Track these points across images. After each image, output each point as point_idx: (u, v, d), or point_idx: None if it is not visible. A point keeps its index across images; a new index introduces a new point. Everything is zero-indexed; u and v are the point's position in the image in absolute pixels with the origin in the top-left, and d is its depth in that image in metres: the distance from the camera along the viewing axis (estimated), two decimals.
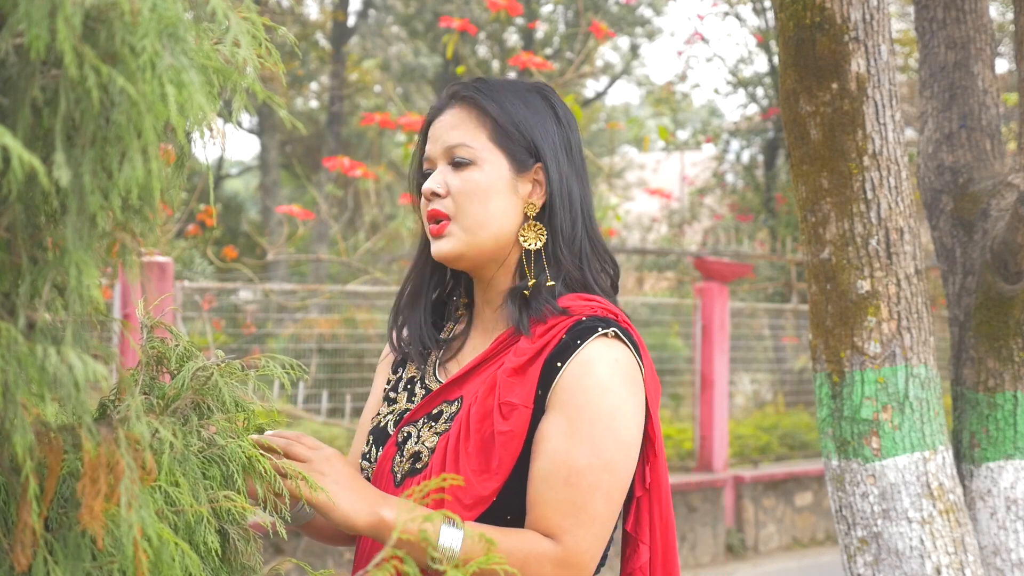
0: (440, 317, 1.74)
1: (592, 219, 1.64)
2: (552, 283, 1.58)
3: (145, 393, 1.29)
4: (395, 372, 1.74)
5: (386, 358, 1.79)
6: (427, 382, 1.67)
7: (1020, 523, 2.56)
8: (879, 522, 2.33)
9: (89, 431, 0.94)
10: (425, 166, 1.65)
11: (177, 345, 1.35)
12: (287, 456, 1.44)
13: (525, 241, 1.60)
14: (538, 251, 1.60)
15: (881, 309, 2.34)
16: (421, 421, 1.61)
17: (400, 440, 1.62)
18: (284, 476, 1.41)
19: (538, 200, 1.61)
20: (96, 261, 0.92)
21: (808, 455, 9.57)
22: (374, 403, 1.76)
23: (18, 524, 0.94)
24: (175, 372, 1.32)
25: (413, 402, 1.66)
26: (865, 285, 2.35)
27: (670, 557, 1.61)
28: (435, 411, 1.61)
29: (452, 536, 1.41)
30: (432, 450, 1.56)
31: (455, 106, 1.63)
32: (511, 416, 1.50)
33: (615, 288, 1.67)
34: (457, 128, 1.61)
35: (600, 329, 1.52)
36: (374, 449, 1.65)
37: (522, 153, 1.60)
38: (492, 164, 1.59)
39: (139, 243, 0.99)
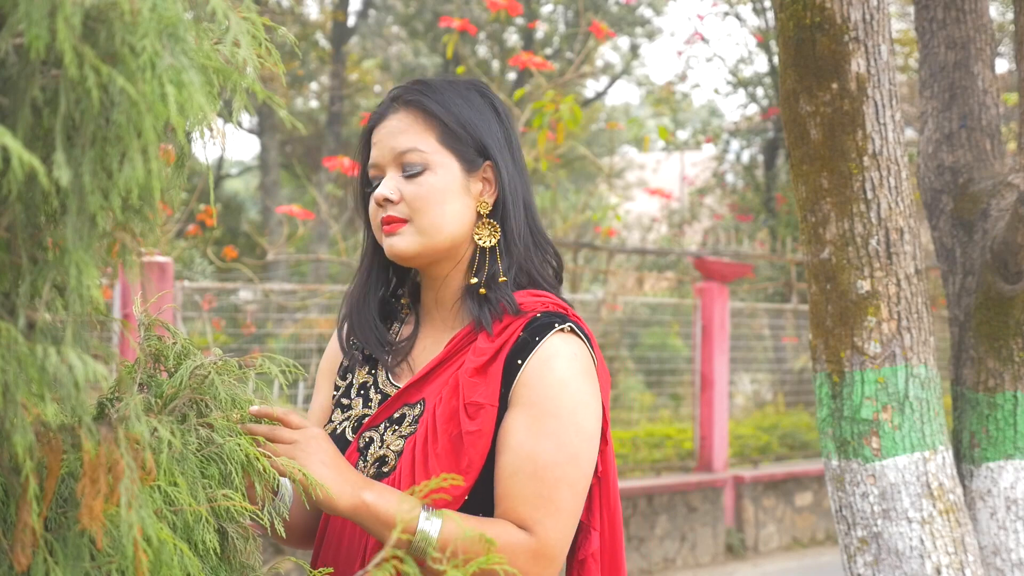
0: (383, 318, 1.74)
1: (535, 212, 1.68)
2: (504, 278, 1.61)
3: (142, 386, 1.29)
4: (344, 378, 1.74)
5: (329, 364, 1.79)
6: (381, 386, 1.68)
7: (1020, 523, 2.56)
8: (879, 522, 2.33)
9: (89, 431, 0.94)
10: (372, 172, 1.64)
11: (175, 343, 1.35)
12: (272, 441, 1.44)
13: (480, 239, 1.62)
14: (492, 248, 1.63)
15: (881, 309, 2.34)
16: (383, 425, 1.62)
17: (362, 446, 1.62)
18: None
19: (489, 198, 1.63)
20: (96, 261, 0.92)
21: (808, 455, 9.57)
22: (319, 411, 1.76)
23: (18, 524, 0.94)
24: (172, 370, 1.32)
25: (370, 407, 1.66)
26: (865, 285, 2.35)
27: (617, 542, 1.66)
28: (397, 415, 1.62)
29: (432, 523, 1.42)
30: (399, 453, 1.58)
31: (400, 110, 1.63)
32: (478, 416, 1.52)
33: (559, 279, 1.70)
34: (405, 132, 1.61)
35: (556, 325, 1.55)
36: None
37: (471, 153, 1.62)
38: (444, 167, 1.60)
39: (139, 243, 0.99)
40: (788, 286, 10.51)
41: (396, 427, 1.61)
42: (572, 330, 1.56)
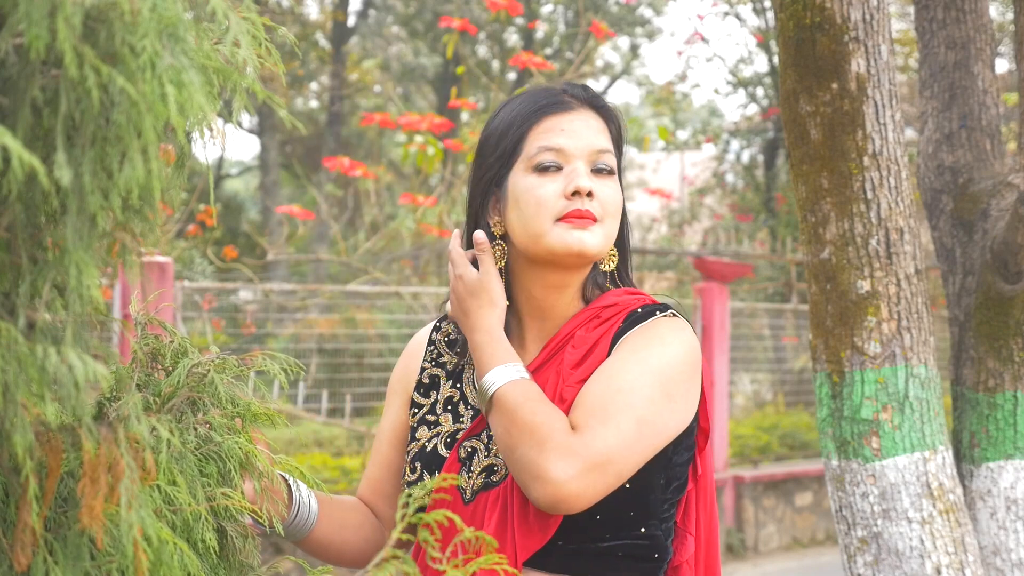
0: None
1: None
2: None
3: (140, 387, 1.29)
4: (427, 396, 1.69)
5: (403, 383, 1.74)
6: (471, 401, 1.64)
7: (1020, 523, 2.56)
8: (879, 522, 2.33)
9: (89, 431, 0.94)
10: (551, 156, 1.57)
11: (172, 341, 1.35)
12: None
13: (602, 263, 1.64)
14: (612, 272, 1.65)
15: (881, 309, 2.34)
16: (484, 434, 1.59)
17: (463, 456, 1.59)
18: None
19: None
20: (96, 261, 0.92)
21: (808, 455, 9.57)
22: (389, 429, 1.73)
23: (18, 524, 0.94)
24: (170, 368, 1.32)
25: (462, 422, 1.63)
26: (865, 285, 2.35)
27: (713, 548, 1.63)
28: None
29: (500, 375, 1.49)
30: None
31: (588, 110, 1.62)
32: (569, 397, 1.51)
33: None
34: (601, 134, 1.61)
35: (659, 312, 1.57)
36: (426, 475, 1.61)
37: (620, 174, 1.64)
38: (618, 180, 1.62)
39: (139, 243, 0.99)
40: (788, 286, 10.51)
41: None
42: (675, 315, 1.58)
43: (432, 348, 1.73)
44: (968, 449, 2.63)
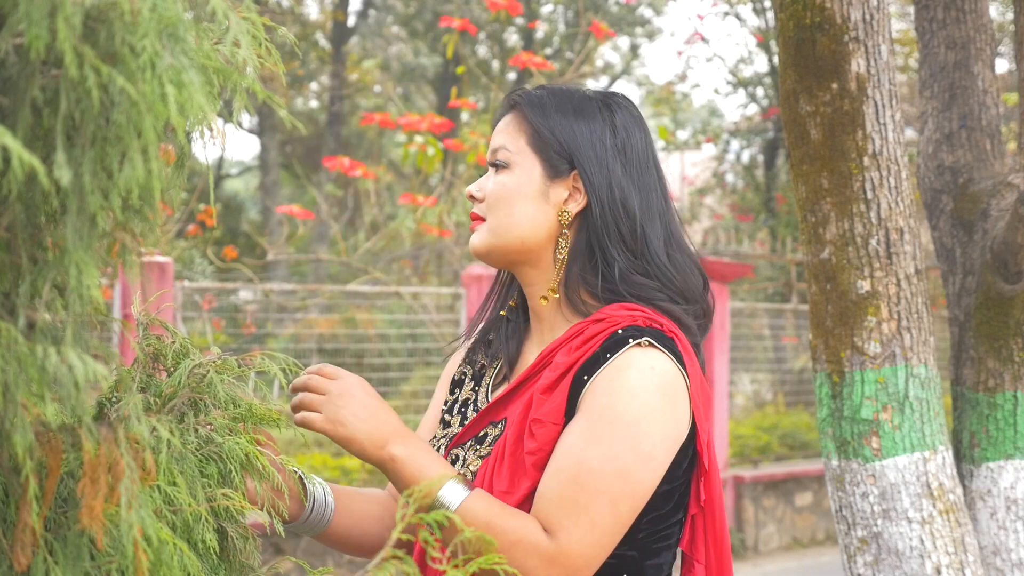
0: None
1: (654, 228, 1.59)
2: (588, 290, 1.56)
3: (142, 389, 1.29)
4: (452, 392, 1.73)
5: (446, 377, 1.77)
6: (479, 404, 1.65)
7: (1020, 523, 2.56)
8: (879, 522, 2.33)
9: (89, 431, 0.94)
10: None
11: (173, 342, 1.35)
12: (306, 390, 1.45)
13: (559, 250, 1.59)
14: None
15: (881, 309, 2.34)
16: (468, 444, 1.59)
17: (450, 463, 1.59)
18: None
19: (575, 208, 1.58)
20: (96, 261, 0.92)
21: (808, 455, 9.57)
22: (432, 420, 1.75)
23: (18, 524, 0.94)
24: (171, 369, 1.32)
25: (464, 426, 1.63)
26: (865, 285, 2.35)
27: (724, 574, 1.59)
28: (481, 433, 1.58)
29: (455, 493, 1.42)
30: (475, 475, 1.54)
31: (509, 112, 1.67)
32: (538, 433, 1.48)
33: (689, 299, 1.59)
34: (502, 132, 1.65)
35: (632, 340, 1.47)
36: None
37: (556, 159, 1.59)
38: (523, 168, 1.60)
39: (139, 243, 0.99)
40: (788, 286, 10.51)
41: (478, 447, 1.57)
42: (652, 344, 1.47)
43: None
44: (968, 449, 2.63)
